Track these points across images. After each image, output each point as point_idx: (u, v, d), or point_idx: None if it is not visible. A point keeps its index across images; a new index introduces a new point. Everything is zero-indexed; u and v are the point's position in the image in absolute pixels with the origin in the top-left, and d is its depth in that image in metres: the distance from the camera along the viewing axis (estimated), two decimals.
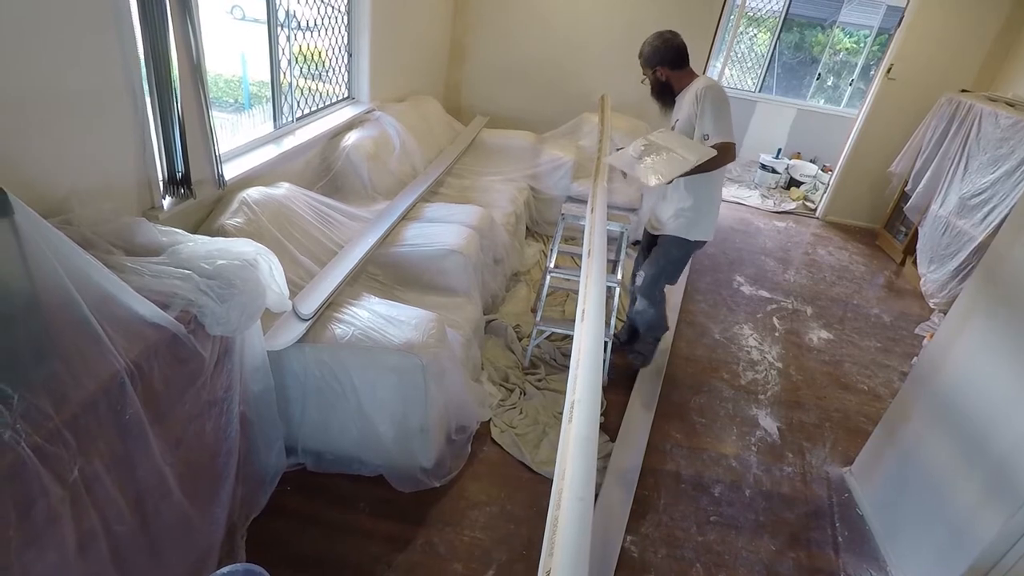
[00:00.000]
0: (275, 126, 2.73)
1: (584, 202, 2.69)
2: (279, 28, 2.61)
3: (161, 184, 1.85)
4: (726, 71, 5.82)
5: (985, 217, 3.60)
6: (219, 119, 2.01)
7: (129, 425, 1.17)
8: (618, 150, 2.46)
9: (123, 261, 1.33)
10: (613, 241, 2.87)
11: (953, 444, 1.89)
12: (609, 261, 2.85)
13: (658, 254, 2.58)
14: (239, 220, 2.00)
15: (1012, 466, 1.63)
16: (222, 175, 2.09)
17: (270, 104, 2.75)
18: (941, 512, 1.87)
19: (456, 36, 4.87)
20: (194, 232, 1.77)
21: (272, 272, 1.56)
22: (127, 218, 1.53)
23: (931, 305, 4.00)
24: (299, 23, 2.83)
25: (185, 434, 1.39)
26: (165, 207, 1.86)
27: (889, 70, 4.85)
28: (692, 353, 3.13)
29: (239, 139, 2.47)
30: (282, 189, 2.32)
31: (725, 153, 2.21)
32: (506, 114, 4.89)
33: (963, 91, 4.50)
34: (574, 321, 1.73)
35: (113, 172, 1.68)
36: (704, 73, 4.76)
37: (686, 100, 2.34)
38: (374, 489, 2.02)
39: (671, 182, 2.20)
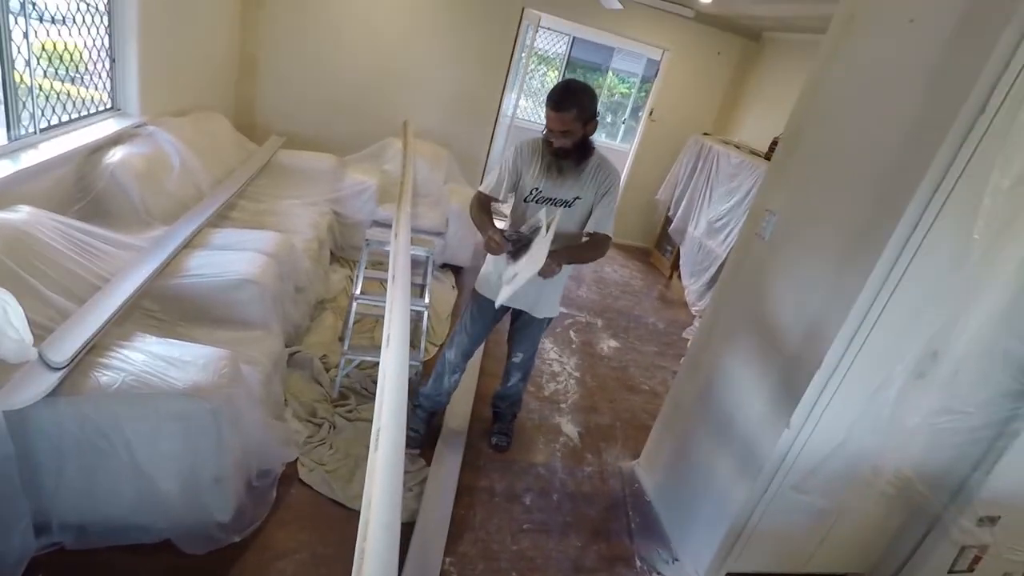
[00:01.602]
0: (10, 137, 2.27)
1: (390, 226, 2.69)
2: (11, 18, 2.18)
3: None
4: (520, 102, 6.30)
5: (725, 238, 4.38)
6: None
7: None
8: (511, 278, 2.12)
9: None
10: (420, 265, 2.91)
11: (711, 430, 2.26)
12: (416, 285, 2.88)
13: (534, 333, 2.44)
14: None
15: (752, 443, 1.99)
16: None
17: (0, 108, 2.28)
18: (707, 489, 2.21)
19: (247, 50, 4.55)
20: None
21: (7, 314, 1.29)
22: None
23: (693, 312, 4.72)
24: (43, 14, 2.41)
25: None
26: None
27: (651, 113, 5.68)
28: (499, 370, 3.27)
29: None
30: (21, 213, 1.94)
31: (604, 247, 2.17)
32: (305, 135, 4.68)
33: (705, 134, 5.45)
34: None
35: None
36: (500, 105, 5.11)
37: (591, 178, 2.11)
38: (157, 557, 1.76)
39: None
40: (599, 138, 8.30)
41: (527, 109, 8.21)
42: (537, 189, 2.15)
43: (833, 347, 1.69)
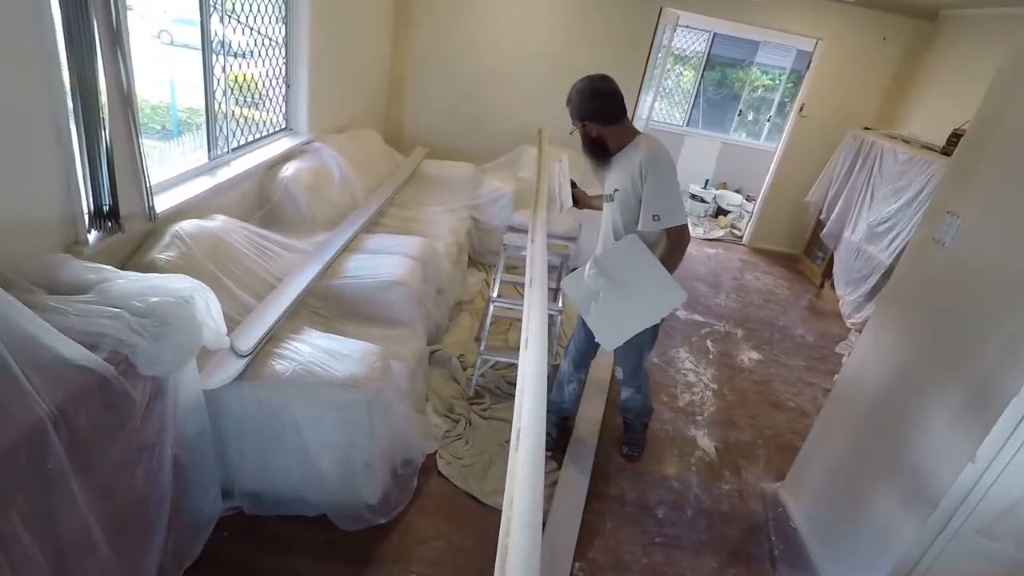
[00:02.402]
0: (210, 157, 2.66)
1: (524, 232, 2.76)
2: (213, 56, 2.57)
3: (87, 218, 1.77)
4: (656, 105, 6.14)
5: (890, 244, 3.92)
6: (147, 147, 1.94)
7: (51, 476, 1.10)
8: (572, 271, 2.15)
9: (46, 300, 1.26)
10: (553, 269, 2.95)
11: (872, 456, 2.03)
12: (550, 289, 2.91)
13: (624, 351, 2.22)
14: (172, 254, 1.93)
15: (925, 474, 1.76)
16: (153, 208, 2.01)
17: (200, 131, 2.68)
18: (866, 522, 1.99)
19: (396, 69, 4.92)
20: (122, 268, 1.70)
21: (209, 308, 1.51)
22: (50, 255, 1.45)
23: (848, 325, 4.29)
24: (234, 51, 2.79)
25: (113, 483, 1.31)
26: (90, 242, 1.77)
27: (801, 108, 5.25)
28: None
29: (170, 170, 2.39)
30: (217, 221, 2.26)
31: (682, 243, 1.97)
32: (446, 145, 4.96)
33: (866, 128, 4.93)
34: (518, 349, 1.76)
35: (34, 206, 1.59)
36: (636, 108, 5.01)
37: (625, 167, 1.99)
38: (316, 530, 1.95)
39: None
40: (740, 138, 7.86)
41: (661, 111, 7.99)
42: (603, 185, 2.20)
43: None
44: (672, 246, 1.97)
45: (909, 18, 4.83)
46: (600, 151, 2.07)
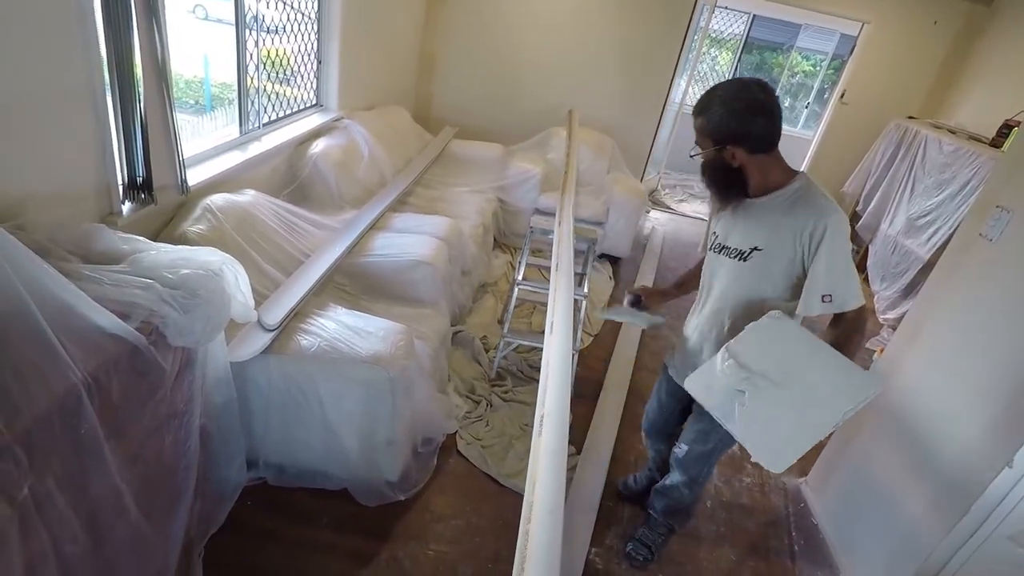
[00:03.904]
0: (241, 132, 2.68)
1: (551, 215, 2.73)
2: (246, 31, 2.57)
3: (121, 189, 1.80)
4: (690, 89, 6.00)
5: (930, 238, 3.79)
6: (180, 121, 1.96)
7: (85, 441, 1.12)
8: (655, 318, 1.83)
9: (81, 269, 1.28)
10: (580, 254, 2.92)
11: (901, 456, 1.98)
12: (576, 274, 2.89)
13: (708, 429, 1.71)
14: (202, 227, 1.95)
15: (956, 477, 1.71)
16: (185, 181, 2.03)
17: (232, 106, 2.70)
18: (890, 521, 1.95)
19: (427, 47, 4.88)
20: (154, 239, 1.72)
21: (238, 282, 1.52)
22: (86, 224, 1.47)
23: (881, 321, 4.17)
24: (267, 27, 2.79)
25: (143, 449, 1.34)
26: (124, 213, 1.80)
27: (843, 95, 5.08)
28: (658, 365, 3.18)
29: (202, 143, 2.42)
30: (247, 196, 2.28)
31: (862, 326, 1.45)
32: (475, 125, 4.92)
33: (910, 117, 4.75)
34: (541, 333, 1.75)
35: (70, 176, 1.62)
36: (669, 92, 4.89)
37: (774, 220, 1.45)
38: (337, 503, 1.98)
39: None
40: None
41: (694, 95, 7.81)
42: (715, 234, 1.61)
43: None
44: (848, 332, 1.43)
45: (964, 1, 4.60)
46: (737, 188, 1.49)
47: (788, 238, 1.42)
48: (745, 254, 1.50)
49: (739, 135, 1.40)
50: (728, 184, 1.49)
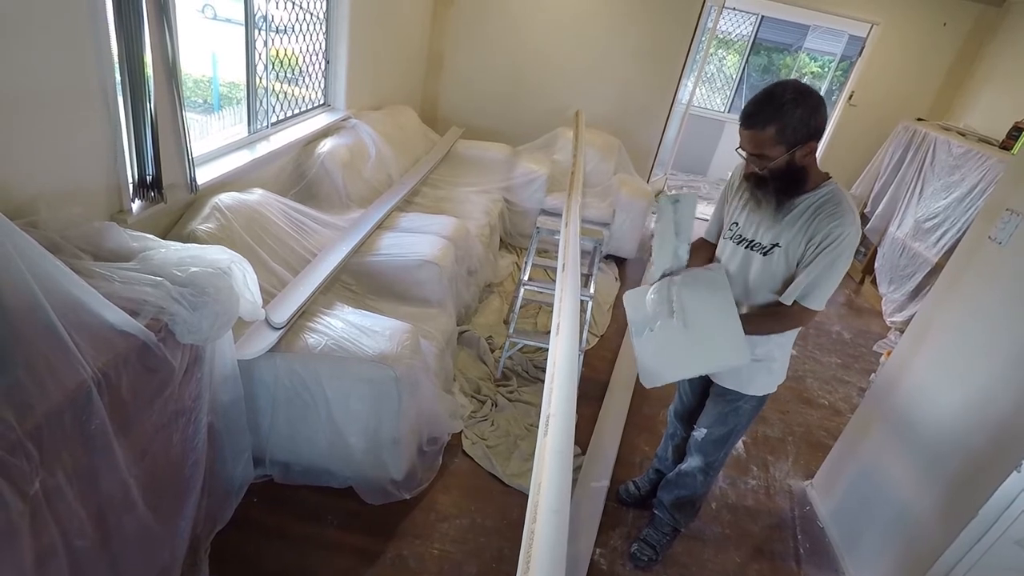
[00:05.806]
0: (249, 131, 2.69)
1: (558, 215, 2.72)
2: (255, 31, 2.58)
3: (131, 187, 1.81)
4: (696, 91, 5.98)
5: (939, 240, 3.76)
6: (189, 120, 1.97)
7: (94, 436, 1.13)
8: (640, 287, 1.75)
9: (91, 266, 1.30)
10: (586, 255, 2.92)
11: (909, 459, 1.97)
12: (582, 275, 2.89)
13: (727, 411, 1.80)
14: (211, 226, 1.96)
15: (964, 482, 1.70)
16: (194, 179, 2.05)
17: (240, 106, 2.71)
18: (897, 524, 1.94)
19: (434, 47, 4.89)
20: (163, 237, 1.73)
21: (246, 280, 1.53)
22: (96, 222, 1.49)
23: (888, 323, 4.15)
24: (276, 27, 2.81)
25: (151, 445, 1.35)
26: (134, 211, 1.81)
27: (851, 96, 5.05)
28: None
29: (211, 142, 2.43)
30: (255, 195, 2.29)
31: (793, 323, 1.59)
32: (482, 126, 4.92)
33: (919, 119, 4.72)
34: (546, 333, 1.75)
35: (81, 174, 1.64)
36: (676, 92, 4.88)
37: (798, 221, 1.48)
38: (343, 501, 1.99)
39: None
40: None
41: (701, 96, 7.79)
42: (736, 224, 1.63)
43: None
44: (775, 315, 1.56)
45: (974, 2, 4.58)
46: (794, 188, 1.46)
47: (803, 240, 1.47)
48: (766, 249, 1.54)
49: (818, 130, 1.40)
50: (789, 186, 1.46)
